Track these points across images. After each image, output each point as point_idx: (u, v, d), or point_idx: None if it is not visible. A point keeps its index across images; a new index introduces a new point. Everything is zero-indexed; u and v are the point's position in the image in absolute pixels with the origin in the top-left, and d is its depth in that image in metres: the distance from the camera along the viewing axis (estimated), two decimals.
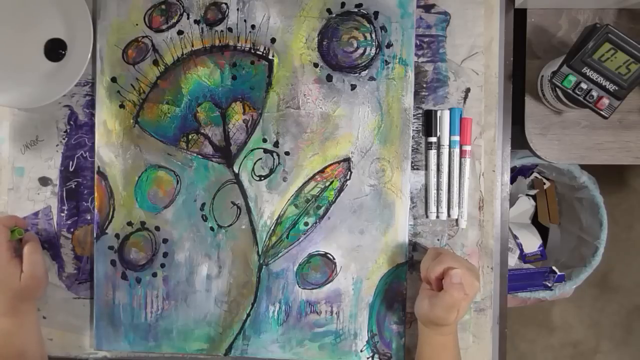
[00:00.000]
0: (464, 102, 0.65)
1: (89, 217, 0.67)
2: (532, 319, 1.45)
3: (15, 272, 0.59)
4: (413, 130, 0.65)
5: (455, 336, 0.60)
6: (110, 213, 0.66)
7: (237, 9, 0.65)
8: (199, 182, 0.66)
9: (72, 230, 0.67)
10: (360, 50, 0.64)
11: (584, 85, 0.59)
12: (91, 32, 0.62)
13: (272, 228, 0.66)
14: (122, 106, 0.66)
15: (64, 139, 0.67)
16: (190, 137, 0.66)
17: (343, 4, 0.64)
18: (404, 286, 0.65)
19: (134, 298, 0.66)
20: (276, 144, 0.65)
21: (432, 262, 0.58)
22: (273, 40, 0.65)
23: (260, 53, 0.65)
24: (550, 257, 1.28)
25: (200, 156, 0.66)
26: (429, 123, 0.64)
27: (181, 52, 0.66)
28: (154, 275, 0.66)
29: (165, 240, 0.66)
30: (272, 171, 0.65)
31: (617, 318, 1.44)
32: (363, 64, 0.64)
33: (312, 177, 0.65)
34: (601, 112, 0.59)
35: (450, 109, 0.64)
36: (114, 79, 0.66)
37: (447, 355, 0.60)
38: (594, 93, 0.59)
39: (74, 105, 0.67)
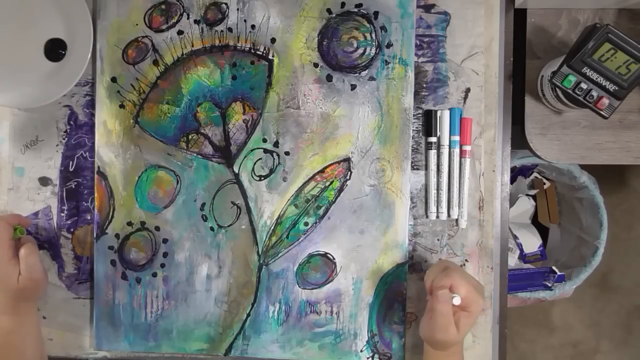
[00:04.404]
0: (464, 102, 0.65)
1: (89, 217, 0.67)
2: (532, 319, 1.45)
3: (13, 272, 0.59)
4: (413, 130, 0.65)
5: (460, 357, 0.59)
6: (110, 213, 0.66)
7: (237, 9, 0.65)
8: (199, 182, 0.66)
9: (72, 230, 0.67)
10: (360, 50, 0.64)
11: (584, 85, 0.59)
12: (91, 32, 0.62)
13: (272, 228, 0.66)
14: (122, 106, 0.66)
15: (64, 139, 0.67)
16: (190, 137, 0.66)
17: (343, 4, 0.64)
18: (404, 286, 0.65)
19: (134, 298, 0.66)
20: (276, 144, 0.65)
21: (439, 275, 0.57)
22: (273, 40, 0.65)
23: (260, 53, 0.65)
24: (550, 257, 1.29)
25: (200, 156, 0.66)
26: (429, 123, 0.64)
27: (181, 52, 0.66)
28: (154, 275, 0.66)
29: (165, 240, 0.66)
30: (272, 171, 0.65)
31: (617, 318, 1.44)
32: (363, 64, 0.64)
33: (312, 177, 0.65)
34: (601, 112, 0.59)
35: (450, 109, 0.64)
36: (114, 79, 0.66)
37: None
38: (594, 93, 0.59)
39: (74, 105, 0.67)
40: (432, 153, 0.65)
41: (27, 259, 0.60)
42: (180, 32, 0.65)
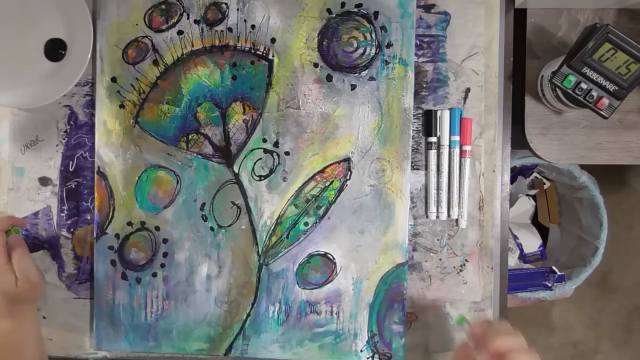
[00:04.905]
0: (464, 102, 0.65)
1: (89, 217, 0.67)
2: (532, 319, 1.45)
3: (10, 276, 0.58)
4: (413, 130, 0.65)
5: None
6: (110, 213, 0.66)
7: (237, 9, 0.65)
8: (199, 182, 0.66)
9: (72, 230, 0.67)
10: (360, 50, 0.64)
11: (584, 85, 0.59)
12: (91, 32, 0.62)
13: (272, 228, 0.66)
14: (122, 106, 0.66)
15: (64, 139, 0.67)
16: (190, 137, 0.66)
17: (343, 4, 0.64)
18: (404, 286, 0.65)
19: (134, 298, 0.66)
20: (276, 144, 0.65)
21: (504, 334, 0.54)
22: (273, 40, 0.65)
23: (260, 53, 0.65)
24: (550, 257, 1.29)
25: (200, 156, 0.66)
26: (429, 123, 0.64)
27: (181, 52, 0.66)
28: (154, 275, 0.66)
29: (165, 240, 0.66)
30: (272, 171, 0.65)
31: (617, 318, 1.44)
32: (363, 64, 0.64)
33: (312, 177, 0.65)
34: (601, 112, 0.59)
35: (450, 109, 0.64)
36: (114, 79, 0.66)
37: None
38: (594, 93, 0.59)
39: (74, 105, 0.67)
40: (432, 153, 0.65)
41: (20, 264, 0.59)
42: (180, 32, 0.65)
